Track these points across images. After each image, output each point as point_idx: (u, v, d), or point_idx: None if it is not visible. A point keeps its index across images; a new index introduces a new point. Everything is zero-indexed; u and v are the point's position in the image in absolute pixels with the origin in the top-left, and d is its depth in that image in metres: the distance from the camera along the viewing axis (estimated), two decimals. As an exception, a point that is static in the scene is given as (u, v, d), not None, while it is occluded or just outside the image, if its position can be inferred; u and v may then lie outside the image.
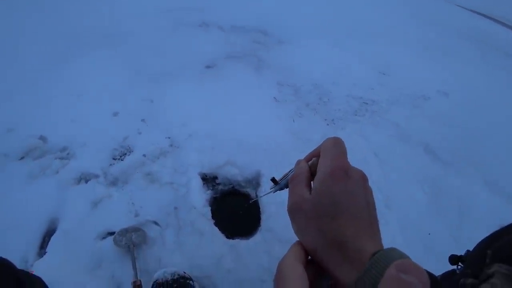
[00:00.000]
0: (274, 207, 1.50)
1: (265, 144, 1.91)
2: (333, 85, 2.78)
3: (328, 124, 2.27)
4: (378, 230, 0.30)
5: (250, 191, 1.64)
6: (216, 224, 1.44)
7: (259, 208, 1.53)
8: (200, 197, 1.54)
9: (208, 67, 2.71)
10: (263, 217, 1.48)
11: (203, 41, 3.20)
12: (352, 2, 6.68)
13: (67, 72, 2.36)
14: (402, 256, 0.25)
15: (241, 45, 3.22)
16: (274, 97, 2.43)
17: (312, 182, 0.35)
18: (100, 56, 2.59)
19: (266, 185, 1.61)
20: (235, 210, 1.57)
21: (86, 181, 1.59)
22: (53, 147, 1.75)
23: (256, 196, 1.58)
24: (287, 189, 0.40)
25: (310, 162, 0.38)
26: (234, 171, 1.70)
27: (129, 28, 3.16)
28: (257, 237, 1.40)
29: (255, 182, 1.67)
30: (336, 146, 0.34)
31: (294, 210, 0.33)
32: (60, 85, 2.22)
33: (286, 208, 0.35)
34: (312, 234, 0.30)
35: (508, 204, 1.93)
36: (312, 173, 0.36)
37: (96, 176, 1.61)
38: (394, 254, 0.25)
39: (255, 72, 2.75)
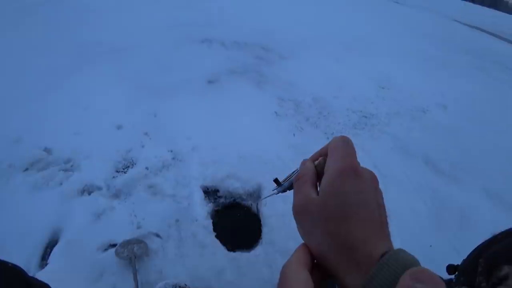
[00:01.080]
0: (275, 219, 1.51)
1: (266, 157, 1.94)
2: (333, 99, 2.83)
3: (328, 138, 2.31)
4: (389, 233, 0.29)
5: (251, 203, 1.65)
6: (217, 236, 1.44)
7: (260, 221, 1.54)
8: (202, 209, 1.56)
9: (210, 82, 2.77)
10: (264, 230, 1.49)
11: (206, 56, 3.29)
12: (351, 18, 6.87)
13: (74, 85, 2.42)
14: (411, 259, 0.24)
15: (243, 61, 3.30)
16: (275, 112, 2.47)
17: (318, 183, 0.33)
18: (106, 70, 2.66)
19: (267, 198, 1.62)
20: (236, 223, 1.58)
21: (89, 193, 1.61)
22: (57, 159, 1.78)
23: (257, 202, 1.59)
24: (291, 191, 0.38)
25: (316, 162, 0.36)
26: (235, 184, 1.72)
27: (135, 43, 3.26)
28: (258, 250, 1.41)
29: (256, 195, 1.69)
30: (345, 145, 0.32)
31: (300, 212, 0.31)
32: (66, 97, 2.28)
33: (292, 210, 0.33)
34: (319, 237, 0.29)
35: (510, 214, 1.93)
36: (318, 174, 0.34)
37: (99, 188, 1.63)
38: (403, 257, 0.24)
39: (256, 87, 2.81)
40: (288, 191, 0.41)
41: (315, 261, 0.30)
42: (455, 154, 2.38)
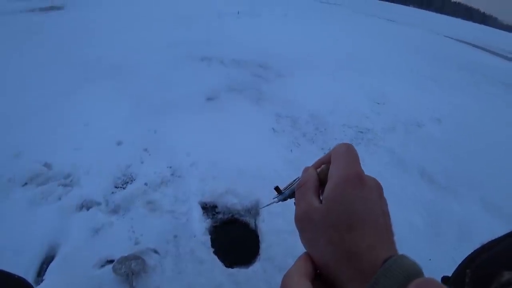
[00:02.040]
0: (274, 236, 1.52)
1: (264, 173, 1.96)
2: (330, 115, 2.89)
3: (325, 153, 2.34)
4: (394, 241, 0.28)
5: (249, 219, 1.65)
6: (215, 252, 1.44)
7: (258, 237, 1.54)
8: (200, 225, 1.56)
9: (209, 99, 2.83)
10: (263, 246, 1.49)
11: (205, 74, 3.37)
12: (346, 37, 7.08)
13: (75, 101, 2.47)
14: (414, 265, 0.24)
15: (241, 78, 3.38)
16: (272, 128, 2.52)
17: (321, 191, 0.32)
18: (107, 87, 2.72)
19: (264, 214, 1.63)
20: (234, 239, 1.58)
21: (88, 209, 1.61)
22: (57, 174, 1.79)
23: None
24: (291, 199, 0.37)
25: (319, 169, 0.35)
26: (233, 200, 1.73)
27: (136, 61, 3.34)
28: (256, 266, 1.40)
29: (254, 211, 1.70)
30: (349, 152, 0.32)
31: (303, 220, 0.30)
32: (67, 113, 2.31)
33: (294, 218, 0.31)
34: (322, 245, 0.28)
35: (509, 224, 1.93)
36: (321, 181, 0.33)
37: (98, 204, 1.64)
38: (406, 263, 0.24)
39: (254, 104, 2.87)
40: (289, 199, 0.39)
41: (318, 270, 0.29)
42: (451, 167, 2.41)
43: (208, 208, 1.70)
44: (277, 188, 0.40)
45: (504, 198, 2.15)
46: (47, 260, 1.37)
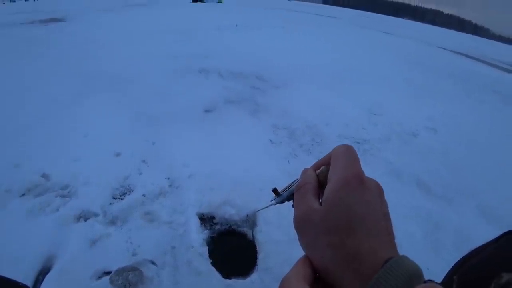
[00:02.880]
0: (271, 246, 1.52)
1: (261, 184, 1.97)
2: (326, 126, 2.93)
3: (322, 164, 2.36)
4: (395, 244, 0.28)
5: (246, 230, 1.66)
6: (213, 263, 1.45)
7: (256, 247, 1.55)
8: (198, 236, 1.57)
9: (207, 111, 2.87)
10: (260, 256, 1.49)
11: (203, 86, 3.42)
12: (341, 49, 7.22)
13: (75, 112, 2.50)
14: (415, 266, 0.24)
15: (239, 90, 3.44)
16: (270, 140, 2.55)
17: (320, 193, 0.32)
18: (107, 99, 2.75)
19: (262, 224, 1.64)
20: (232, 250, 1.58)
21: (86, 220, 1.62)
22: (55, 185, 1.80)
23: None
24: (290, 202, 0.37)
25: (318, 171, 0.35)
26: (231, 211, 1.74)
27: (135, 73, 3.39)
28: (254, 277, 1.41)
29: (251, 221, 1.71)
30: (349, 153, 0.31)
31: (302, 223, 0.30)
32: (67, 124, 2.34)
33: (293, 221, 0.31)
34: (322, 249, 0.28)
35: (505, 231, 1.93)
36: (321, 183, 0.33)
37: (96, 215, 1.64)
38: (407, 263, 0.24)
39: (251, 115, 2.92)
40: (287, 201, 0.38)
41: (317, 274, 0.29)
42: (447, 176, 2.43)
43: (206, 219, 1.70)
44: (275, 190, 0.39)
45: (500, 204, 2.15)
46: (44, 271, 1.37)
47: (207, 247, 1.53)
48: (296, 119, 2.98)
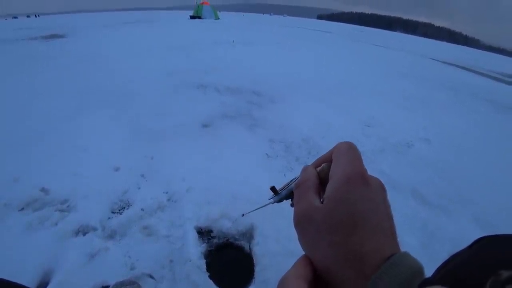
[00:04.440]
0: (268, 258, 1.55)
1: (258, 198, 2.00)
2: (321, 139, 2.99)
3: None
4: (398, 245, 0.27)
5: (243, 243, 1.69)
6: (211, 276, 1.46)
7: (253, 260, 1.57)
8: (195, 250, 1.59)
9: (205, 126, 2.93)
10: (257, 269, 1.51)
11: (201, 101, 3.49)
12: (336, 62, 7.38)
13: (74, 127, 2.54)
14: (417, 262, 0.24)
15: (236, 105, 3.51)
16: (266, 153, 2.60)
17: (321, 191, 0.31)
18: (106, 114, 2.81)
19: (259, 237, 1.67)
20: (229, 263, 1.60)
21: (84, 234, 1.63)
22: (54, 199, 1.82)
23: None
24: (287, 200, 0.36)
25: (319, 168, 0.34)
26: (228, 224, 1.77)
27: (134, 89, 3.46)
28: (251, 290, 1.43)
29: (248, 234, 1.74)
30: (351, 150, 0.31)
31: (303, 221, 0.29)
32: (66, 139, 2.37)
33: (293, 219, 0.30)
34: (323, 248, 0.27)
35: None
36: (322, 181, 0.32)
37: (94, 229, 1.66)
38: (410, 259, 0.24)
39: (248, 130, 2.97)
40: (285, 200, 0.37)
41: (317, 273, 0.28)
42: (442, 186, 2.46)
43: (204, 233, 1.73)
44: (273, 188, 0.38)
45: (496, 213, 2.18)
46: (42, 286, 1.37)
47: (205, 260, 1.55)
48: (292, 132, 3.04)
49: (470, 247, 0.53)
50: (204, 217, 1.79)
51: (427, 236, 1.92)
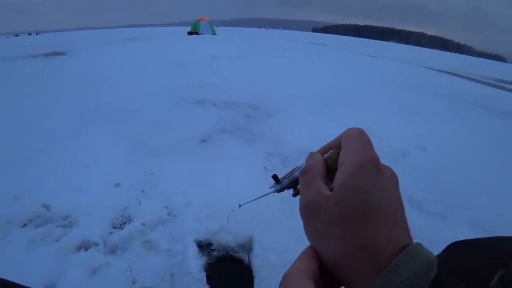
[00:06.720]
0: (267, 270, 1.58)
1: (256, 210, 2.04)
2: (318, 151, 3.04)
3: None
4: (411, 237, 0.26)
5: (243, 255, 1.72)
6: (211, 289, 1.49)
7: (252, 272, 1.60)
8: (195, 263, 1.62)
9: (203, 140, 2.99)
10: (256, 280, 1.54)
11: (199, 116, 3.57)
12: (332, 74, 7.52)
13: (75, 144, 2.59)
14: (431, 254, 0.23)
15: (233, 120, 3.58)
16: (264, 167, 2.65)
17: (328, 179, 0.29)
18: (106, 131, 2.87)
19: (258, 249, 1.70)
20: (229, 275, 1.63)
21: (86, 249, 1.66)
22: (56, 215, 1.85)
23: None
24: (289, 190, 0.35)
25: (326, 155, 0.32)
26: (227, 237, 1.80)
27: (133, 105, 3.54)
28: (250, 302, 1.45)
29: (247, 247, 1.77)
30: (362, 136, 0.29)
31: (310, 211, 0.27)
32: (67, 156, 2.42)
33: (299, 208, 0.28)
34: (333, 238, 0.25)
35: None
36: (329, 168, 0.30)
37: (96, 244, 1.69)
38: (425, 251, 0.23)
39: (246, 144, 3.03)
40: (286, 190, 0.36)
41: (324, 267, 0.26)
42: (439, 193, 2.48)
43: (204, 246, 1.76)
44: (275, 177, 0.36)
45: (492, 219, 2.21)
46: (44, 303, 1.40)
47: (205, 273, 1.58)
48: (289, 145, 3.10)
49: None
50: (204, 231, 1.83)
51: (424, 243, 1.85)
